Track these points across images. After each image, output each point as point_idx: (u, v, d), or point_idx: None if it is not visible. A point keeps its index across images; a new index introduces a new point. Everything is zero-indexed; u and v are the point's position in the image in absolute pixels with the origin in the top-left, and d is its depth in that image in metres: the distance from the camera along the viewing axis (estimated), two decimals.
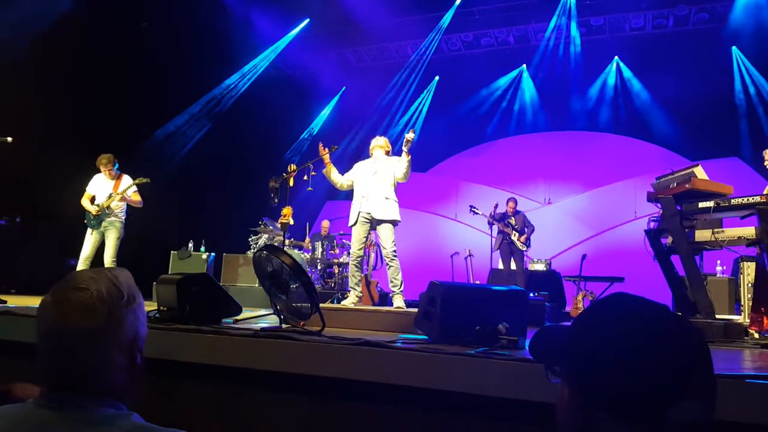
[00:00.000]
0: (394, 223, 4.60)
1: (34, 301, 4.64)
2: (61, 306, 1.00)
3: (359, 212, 4.63)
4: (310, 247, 8.29)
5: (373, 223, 4.64)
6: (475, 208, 7.94)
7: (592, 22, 9.56)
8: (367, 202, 4.61)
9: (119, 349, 1.04)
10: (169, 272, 7.19)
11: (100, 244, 5.64)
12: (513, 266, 7.76)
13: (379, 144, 4.82)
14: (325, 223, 8.73)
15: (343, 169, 5.00)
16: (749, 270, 5.17)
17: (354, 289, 4.65)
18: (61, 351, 1.00)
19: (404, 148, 4.57)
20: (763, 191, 4.12)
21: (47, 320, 1.01)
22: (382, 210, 4.55)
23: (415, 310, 3.40)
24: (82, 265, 5.52)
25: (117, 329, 1.03)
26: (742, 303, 5.20)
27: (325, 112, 11.83)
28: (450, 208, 10.97)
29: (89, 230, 5.64)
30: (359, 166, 4.85)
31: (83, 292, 1.02)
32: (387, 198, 4.59)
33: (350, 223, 4.75)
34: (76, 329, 0.99)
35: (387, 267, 4.59)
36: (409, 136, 4.53)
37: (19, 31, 6.40)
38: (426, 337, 2.98)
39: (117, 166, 5.81)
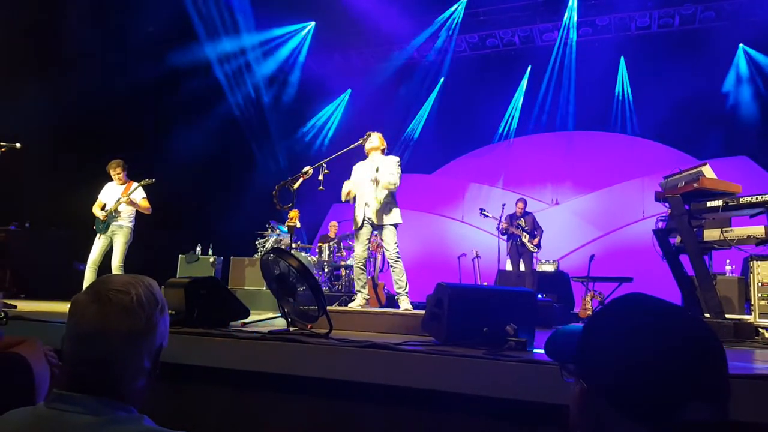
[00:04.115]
0: (395, 225, 4.61)
1: (43, 306, 4.69)
2: (103, 307, 1.00)
3: (363, 217, 4.65)
4: (317, 250, 8.30)
5: (375, 227, 4.66)
6: (485, 210, 7.89)
7: (597, 21, 9.52)
8: (369, 208, 4.62)
9: (148, 355, 1.05)
10: (177, 276, 7.23)
11: (109, 248, 5.67)
12: (522, 267, 7.72)
13: (374, 145, 4.76)
14: (333, 226, 8.74)
15: (347, 174, 4.95)
16: (759, 269, 5.11)
17: (360, 291, 4.65)
18: (97, 352, 1.00)
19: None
20: None
21: (85, 320, 1.01)
22: (383, 216, 4.57)
23: (423, 312, 3.39)
24: (89, 269, 5.56)
25: (151, 335, 1.05)
26: (753, 302, 5.14)
27: (331, 114, 11.86)
28: (457, 210, 10.95)
29: (98, 235, 5.69)
30: (358, 169, 4.82)
31: (124, 295, 1.02)
32: (388, 203, 4.60)
33: (355, 227, 4.77)
34: (117, 331, 1.00)
35: (391, 269, 4.60)
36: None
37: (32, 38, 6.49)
38: (434, 338, 2.98)
39: (126, 172, 5.84)
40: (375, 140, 4.78)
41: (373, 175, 4.62)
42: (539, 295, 6.87)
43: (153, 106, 7.77)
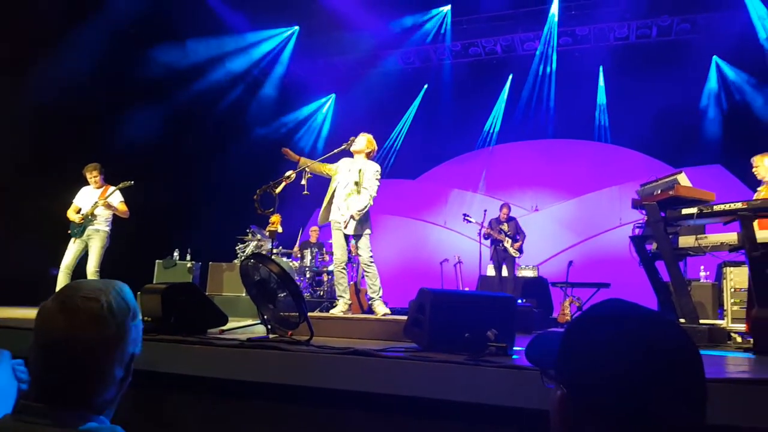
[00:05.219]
0: (367, 234, 4.53)
1: (13, 313, 4.55)
2: (71, 314, 0.97)
3: (331, 219, 4.59)
4: (299, 255, 8.24)
5: (347, 236, 4.57)
6: (468, 216, 7.95)
7: (577, 32, 9.71)
8: (338, 211, 4.55)
9: (120, 363, 1.02)
10: (154, 281, 7.09)
11: (83, 253, 5.54)
12: (504, 273, 7.77)
13: (358, 148, 4.59)
14: (314, 231, 8.69)
15: (329, 179, 4.87)
16: (732, 275, 5.25)
17: (342, 296, 4.59)
18: (66, 360, 0.96)
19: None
20: (745, 197, 4.19)
21: (53, 328, 0.98)
22: (351, 226, 4.49)
23: (404, 317, 3.39)
24: (63, 274, 5.42)
25: (122, 342, 1.02)
26: (726, 308, 5.27)
27: (314, 118, 11.83)
28: (439, 215, 11.00)
29: (72, 239, 5.55)
30: (341, 167, 4.69)
31: (93, 302, 0.99)
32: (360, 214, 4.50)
33: (320, 221, 4.70)
34: (86, 339, 0.97)
35: (365, 275, 4.54)
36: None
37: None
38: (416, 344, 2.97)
39: (104, 175, 5.73)
40: (361, 142, 4.59)
41: (349, 180, 4.54)
42: (519, 301, 6.94)
43: (129, 108, 7.63)
